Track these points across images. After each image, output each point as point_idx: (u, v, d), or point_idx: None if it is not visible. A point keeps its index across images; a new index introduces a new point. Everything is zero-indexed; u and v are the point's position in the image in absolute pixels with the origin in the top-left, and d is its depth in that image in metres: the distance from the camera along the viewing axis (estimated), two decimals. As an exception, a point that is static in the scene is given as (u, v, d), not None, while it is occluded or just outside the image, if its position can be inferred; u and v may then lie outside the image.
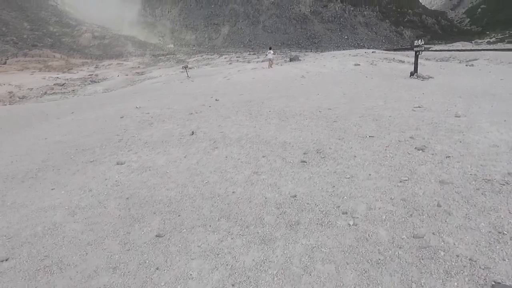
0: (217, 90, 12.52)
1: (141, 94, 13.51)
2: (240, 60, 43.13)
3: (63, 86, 24.71)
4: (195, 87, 14.44)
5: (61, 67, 49.75)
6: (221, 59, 50.78)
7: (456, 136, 4.58)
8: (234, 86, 13.57)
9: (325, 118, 6.26)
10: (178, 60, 56.99)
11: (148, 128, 6.27)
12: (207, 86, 14.27)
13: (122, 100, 11.67)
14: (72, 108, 10.46)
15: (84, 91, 21.57)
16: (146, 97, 11.83)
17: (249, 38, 78.67)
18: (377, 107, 7.29)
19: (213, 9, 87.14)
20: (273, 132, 5.26)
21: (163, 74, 31.04)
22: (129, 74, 37.12)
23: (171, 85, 17.39)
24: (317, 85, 12.83)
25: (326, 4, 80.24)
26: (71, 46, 78.83)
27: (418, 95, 9.12)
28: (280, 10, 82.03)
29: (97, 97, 14.69)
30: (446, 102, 7.75)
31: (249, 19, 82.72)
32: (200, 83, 16.41)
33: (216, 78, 17.42)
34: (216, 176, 3.45)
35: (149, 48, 79.24)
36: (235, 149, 4.39)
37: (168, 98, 10.87)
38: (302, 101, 8.53)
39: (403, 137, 4.67)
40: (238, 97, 10.10)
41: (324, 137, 4.84)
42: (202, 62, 49.07)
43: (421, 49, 13.73)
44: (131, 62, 58.22)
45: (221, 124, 6.07)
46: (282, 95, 9.75)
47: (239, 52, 64.07)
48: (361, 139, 4.68)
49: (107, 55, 72.86)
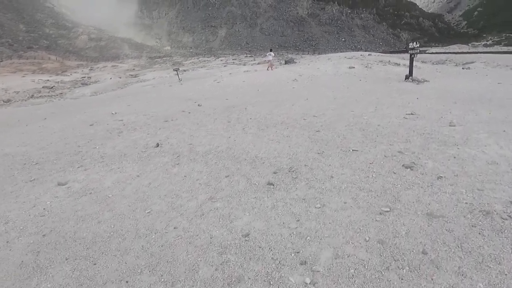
0: (203, 94, 11.98)
1: (125, 98, 12.95)
2: (236, 63, 42.69)
3: (51, 89, 24.10)
4: (182, 91, 13.90)
5: (55, 69, 49.16)
6: (217, 61, 50.41)
7: (450, 151, 4.04)
8: (223, 90, 13.04)
9: (309, 127, 5.72)
10: (174, 62, 56.56)
11: (115, 138, 5.71)
12: (194, 90, 13.73)
13: (102, 104, 11.10)
14: (47, 114, 9.88)
15: (72, 94, 20.97)
16: (128, 102, 11.26)
17: (246, 41, 78.32)
18: (367, 114, 6.77)
19: (210, 11, 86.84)
20: (246, 144, 4.71)
21: (156, 77, 30.53)
22: (122, 77, 36.58)
23: (160, 89, 16.84)
24: (308, 89, 12.32)
25: (323, 7, 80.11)
26: (67, 48, 78.28)
27: (411, 100, 8.60)
28: (278, 12, 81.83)
29: (80, 101, 14.12)
30: (441, 109, 7.23)
31: (246, 22, 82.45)
32: (189, 86, 15.87)
33: (207, 81, 16.89)
34: (163, 204, 2.90)
35: (145, 50, 78.81)
36: (198, 166, 3.84)
37: (150, 103, 10.32)
38: (288, 107, 7.99)
39: (390, 151, 4.12)
40: (223, 102, 9.56)
41: (302, 151, 4.29)
42: (198, 64, 48.63)
43: (416, 51, 13.27)
44: (127, 64, 57.73)
45: (194, 134, 5.51)
46: (269, 100, 9.22)
47: (236, 54, 63.74)
48: (344, 153, 4.14)
49: (103, 57, 72.34)
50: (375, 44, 68.80)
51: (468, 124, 5.50)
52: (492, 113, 6.56)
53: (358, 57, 23.69)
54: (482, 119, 5.92)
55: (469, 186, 2.99)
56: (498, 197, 2.72)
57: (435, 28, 79.11)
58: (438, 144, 4.35)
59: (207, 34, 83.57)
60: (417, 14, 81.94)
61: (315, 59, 27.05)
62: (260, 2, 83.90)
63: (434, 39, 72.60)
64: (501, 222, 2.30)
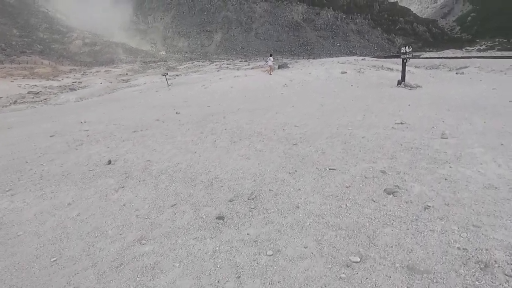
0: (186, 100, 11.41)
1: (105, 105, 12.34)
2: (230, 67, 42.35)
3: (36, 95, 23.37)
4: (167, 97, 13.33)
5: (47, 74, 48.43)
6: (212, 66, 50.09)
7: (441, 170, 3.48)
8: (209, 96, 12.49)
9: (287, 139, 5.15)
10: (168, 67, 56.16)
11: (70, 153, 5.09)
12: (179, 96, 13.16)
13: (78, 112, 10.48)
14: (15, 122, 9.22)
15: (56, 100, 20.28)
16: (107, 109, 10.65)
17: (241, 45, 78.33)
18: (354, 123, 6.23)
19: (205, 16, 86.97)
20: (211, 161, 4.12)
21: (147, 82, 29.99)
22: (113, 82, 36.00)
23: (146, 94, 16.25)
24: (297, 95, 11.81)
25: (318, 12, 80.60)
26: (61, 52, 77.67)
27: (402, 108, 8.10)
28: (273, 17, 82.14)
29: (59, 108, 13.47)
30: (433, 117, 6.73)
31: (242, 26, 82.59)
32: (176, 92, 15.31)
33: (194, 87, 16.35)
34: (79, 247, 2.29)
35: (140, 55, 78.49)
36: (144, 191, 3.23)
37: (127, 111, 9.72)
38: (271, 115, 7.44)
39: (372, 170, 3.56)
40: (203, 109, 8.99)
41: (271, 170, 3.71)
42: (193, 69, 48.25)
43: (409, 56, 12.88)
44: (120, 69, 57.18)
45: (157, 148, 4.91)
46: (252, 108, 8.67)
47: (231, 59, 63.58)
48: (319, 173, 3.56)
49: (97, 62, 71.81)
50: (369, 49, 69.10)
51: (462, 136, 4.97)
52: (488, 122, 6.06)
53: (351, 62, 23.38)
54: (477, 129, 5.40)
55: (462, 220, 2.42)
56: (499, 238, 2.15)
57: (429, 33, 79.90)
58: (428, 161, 3.79)
59: (203, 38, 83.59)
60: (412, 20, 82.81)
61: (309, 64, 26.70)
62: (255, 7, 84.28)
63: (428, 44, 73.21)
64: (505, 281, 1.72)
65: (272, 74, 18.85)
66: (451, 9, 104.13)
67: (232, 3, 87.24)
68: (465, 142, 4.56)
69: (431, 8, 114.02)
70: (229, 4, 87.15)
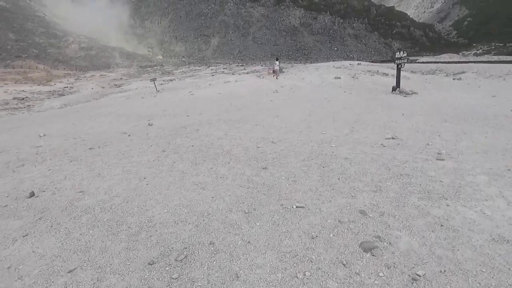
0: (166, 109, 10.68)
1: (81, 113, 11.60)
2: (226, 72, 41.77)
3: (21, 101, 22.61)
4: (149, 104, 12.60)
5: (40, 79, 47.72)
6: (208, 70, 49.61)
7: (436, 210, 2.74)
8: (192, 103, 11.77)
9: (257, 160, 4.41)
10: (165, 71, 55.66)
11: (2, 177, 4.32)
12: (161, 104, 12.44)
13: (46, 121, 9.72)
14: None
15: (40, 106, 19.52)
16: (79, 118, 9.90)
17: (239, 50, 78.06)
18: (339, 138, 5.51)
19: (203, 20, 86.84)
20: (156, 193, 3.38)
21: (140, 86, 29.34)
22: (105, 87, 35.33)
23: (131, 101, 15.53)
24: (286, 103, 11.12)
25: (315, 16, 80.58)
26: (56, 57, 77.21)
27: (395, 118, 7.39)
28: (270, 22, 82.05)
29: (33, 117, 12.71)
30: (428, 130, 6.02)
31: (239, 31, 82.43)
32: (160, 99, 14.59)
33: (181, 93, 15.64)
34: None
35: (136, 60, 78.07)
36: (49, 243, 2.47)
37: (99, 120, 8.97)
38: (250, 127, 6.71)
39: (349, 210, 2.81)
40: (180, 119, 8.25)
41: (225, 207, 2.96)
42: (188, 73, 47.69)
43: (404, 61, 12.24)
44: (116, 73, 56.59)
45: (103, 173, 4.16)
46: (233, 118, 7.95)
47: (228, 63, 63.15)
48: (282, 213, 2.81)
49: (93, 66, 71.32)
50: (367, 53, 68.87)
51: (461, 156, 4.25)
52: (489, 137, 5.35)
53: (346, 66, 22.82)
54: (478, 147, 4.68)
55: (465, 307, 1.66)
56: None
57: (426, 38, 79.96)
58: (420, 195, 3.05)
59: (200, 43, 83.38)
60: (408, 24, 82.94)
61: (304, 68, 26.13)
62: (252, 12, 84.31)
63: (425, 48, 73.17)
64: None
65: (278, 79, 18.28)
66: (447, 14, 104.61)
67: (229, 7, 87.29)
68: (465, 165, 3.83)
69: (428, 13, 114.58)
70: (226, 8, 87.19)
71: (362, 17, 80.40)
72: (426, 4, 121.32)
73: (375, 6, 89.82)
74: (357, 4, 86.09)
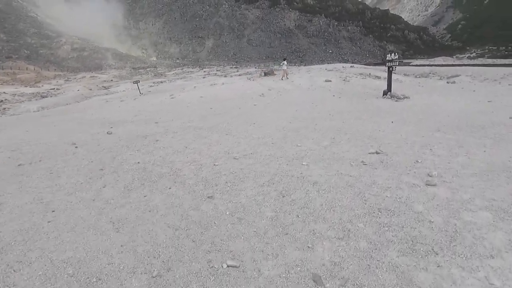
0: (139, 114, 9.81)
1: (48, 118, 10.70)
2: (219, 74, 40.86)
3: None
4: (125, 109, 11.71)
5: (29, 80, 46.45)
6: (201, 72, 48.74)
7: (422, 277, 1.92)
8: (168, 108, 10.91)
9: (206, 184, 3.57)
10: (157, 73, 54.66)
11: None
12: (137, 108, 11.55)
13: (4, 127, 8.78)
14: None
15: (16, 110, 18.49)
16: (40, 125, 8.98)
17: (233, 51, 77.31)
18: (314, 152, 4.69)
19: (197, 22, 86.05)
20: (49, 239, 2.52)
21: (129, 88, 28.44)
22: (93, 88, 34.29)
23: (109, 104, 14.61)
24: (269, 108, 10.31)
25: (310, 19, 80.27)
26: (48, 58, 75.74)
27: (383, 126, 6.61)
28: (265, 24, 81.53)
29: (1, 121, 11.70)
30: (418, 142, 5.23)
31: (234, 33, 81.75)
32: (139, 102, 13.71)
33: (161, 96, 14.75)
34: None
35: (130, 61, 76.87)
36: None
37: (58, 128, 8.07)
38: (216, 138, 5.87)
39: (298, 274, 2.00)
40: (145, 127, 7.39)
41: (129, 266, 2.12)
42: (181, 75, 46.77)
43: (395, 64, 11.53)
44: (107, 75, 55.43)
45: (5, 202, 3.26)
46: (204, 126, 7.11)
47: (222, 65, 62.32)
48: (204, 276, 1.96)
49: (85, 67, 69.91)
50: (361, 56, 68.60)
51: (456, 179, 3.45)
52: (488, 151, 4.58)
53: (339, 69, 22.14)
54: (475, 165, 3.90)
55: None
56: None
57: (420, 41, 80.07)
58: (401, 248, 2.22)
59: (194, 44, 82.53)
60: (403, 27, 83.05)
61: (297, 71, 25.38)
62: (247, 14, 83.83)
63: (419, 51, 73.18)
64: None
65: (287, 78, 17.80)
66: (441, 17, 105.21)
67: (224, 9, 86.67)
68: (461, 194, 3.04)
69: (422, 16, 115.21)
70: (221, 10, 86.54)
71: (357, 20, 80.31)
72: (421, 7, 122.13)
73: (370, 9, 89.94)
74: (352, 7, 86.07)
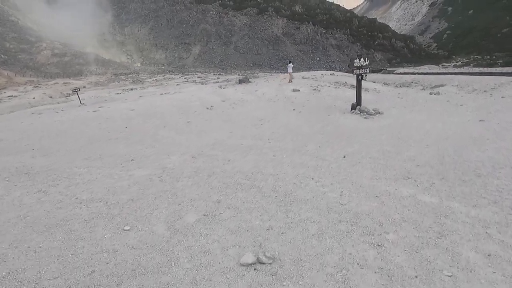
0: (34, 136, 7.36)
1: None
2: (197, 81, 38.53)
3: None
4: (33, 127, 9.20)
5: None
6: (181, 79, 46.46)
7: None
8: (78, 125, 8.53)
9: None
10: (137, 79, 52.05)
11: None
12: (48, 126, 9.09)
13: None
14: None
15: None
16: None
17: (220, 58, 75.49)
18: (215, 218, 2.39)
19: (184, 28, 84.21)
20: None
21: (92, 96, 25.95)
22: (54, 96, 31.52)
23: (35, 117, 12.06)
24: (206, 125, 8.03)
25: (298, 26, 79.51)
26: (26, 63, 72.22)
27: (325, 167, 4.39)
28: (253, 31, 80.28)
29: None
30: (386, 192, 3.04)
31: (221, 39, 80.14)
32: (64, 116, 11.21)
33: (91, 109, 12.26)
34: None
35: (112, 67, 73.98)
36: None
37: None
38: (86, 179, 3.51)
39: None
40: (14, 158, 4.96)
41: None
42: (160, 81, 44.30)
43: (366, 71, 9.53)
44: (83, 81, 52.50)
45: None
46: (91, 156, 4.73)
47: (207, 72, 60.21)
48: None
49: (64, 73, 66.61)
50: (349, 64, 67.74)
51: None
52: (499, 252, 2.39)
53: (315, 77, 20.21)
54: (476, 258, 1.65)
55: None
56: None
57: (407, 49, 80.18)
58: None
59: (181, 51, 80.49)
60: (390, 36, 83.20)
61: (272, 79, 23.35)
62: (235, 21, 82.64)
63: (406, 59, 73.01)
64: None
65: (292, 81, 16.80)
66: (427, 27, 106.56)
67: (211, 16, 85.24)
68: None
69: (409, 25, 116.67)
70: (209, 17, 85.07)
71: (345, 28, 80.00)
72: (407, 17, 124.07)
73: (358, 17, 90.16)
74: (339, 15, 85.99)
